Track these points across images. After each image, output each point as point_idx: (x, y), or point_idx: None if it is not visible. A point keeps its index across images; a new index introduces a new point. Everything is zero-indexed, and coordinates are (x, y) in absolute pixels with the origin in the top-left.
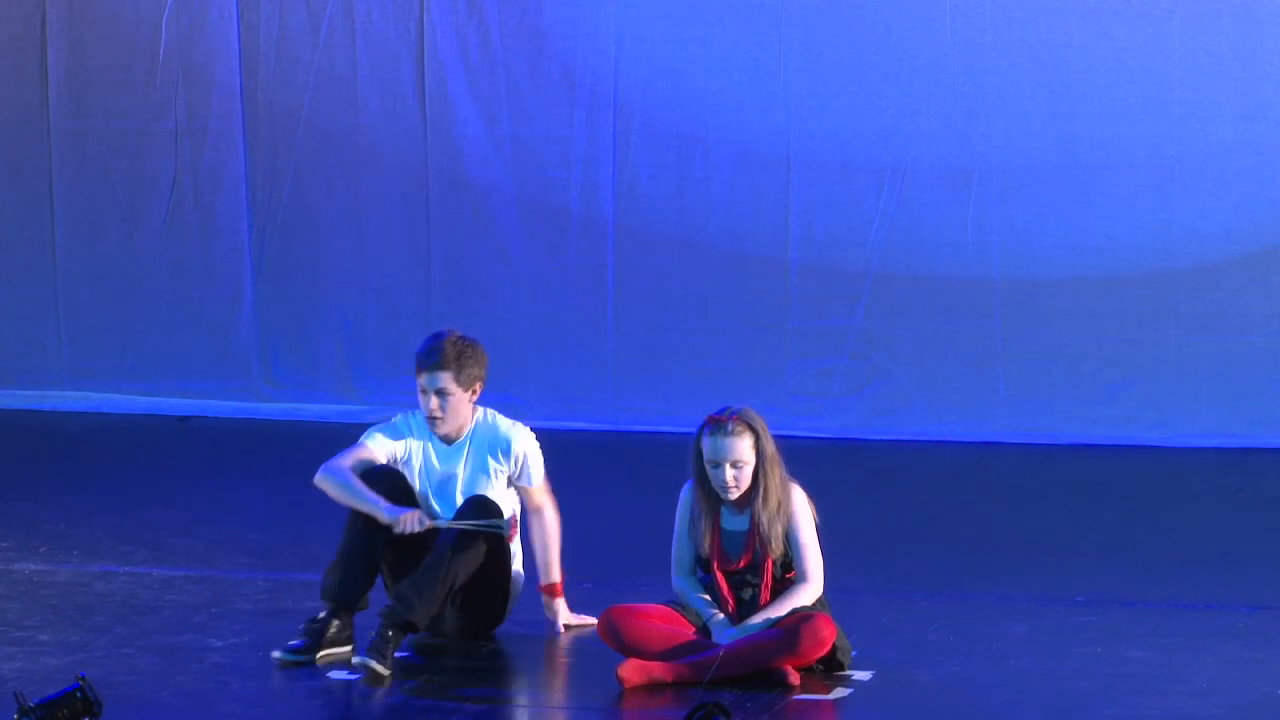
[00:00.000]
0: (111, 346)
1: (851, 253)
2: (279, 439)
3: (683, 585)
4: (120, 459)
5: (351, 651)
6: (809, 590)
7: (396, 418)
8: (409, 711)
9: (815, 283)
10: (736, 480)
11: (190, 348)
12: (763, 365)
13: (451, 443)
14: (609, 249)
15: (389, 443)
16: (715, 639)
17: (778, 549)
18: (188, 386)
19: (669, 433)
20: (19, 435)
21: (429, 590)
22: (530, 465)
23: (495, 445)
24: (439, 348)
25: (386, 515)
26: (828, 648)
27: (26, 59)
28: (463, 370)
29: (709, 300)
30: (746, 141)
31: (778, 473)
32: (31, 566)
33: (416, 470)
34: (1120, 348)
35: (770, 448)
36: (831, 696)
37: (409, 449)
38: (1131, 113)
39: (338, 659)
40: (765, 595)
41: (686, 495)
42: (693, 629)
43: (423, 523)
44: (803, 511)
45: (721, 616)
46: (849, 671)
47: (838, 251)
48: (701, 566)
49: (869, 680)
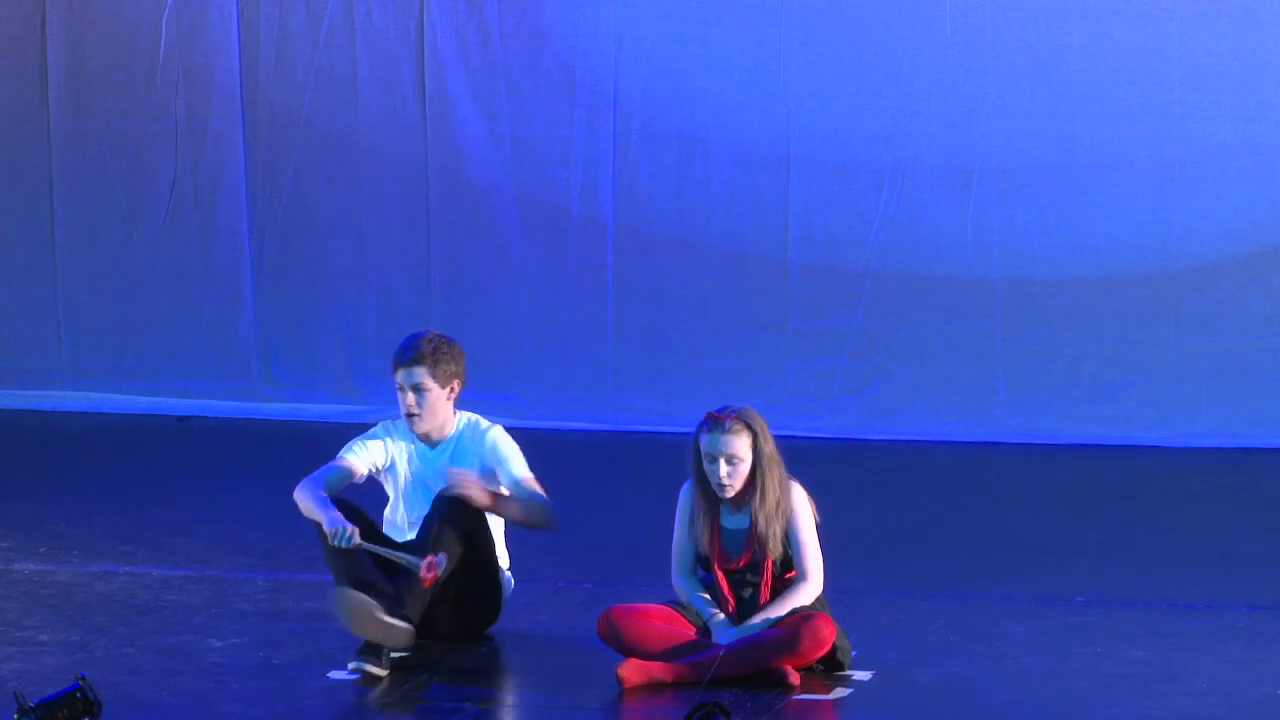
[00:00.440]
0: (111, 346)
1: (851, 253)
2: (279, 439)
3: (683, 584)
4: (120, 459)
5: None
6: (809, 589)
7: (378, 425)
8: (409, 712)
9: (815, 283)
10: (731, 477)
11: (190, 348)
12: (763, 365)
13: (434, 445)
14: (609, 249)
15: (369, 452)
16: (715, 639)
17: (776, 549)
18: (188, 386)
19: (669, 433)
20: (19, 435)
21: (417, 586)
22: (506, 458)
23: (479, 446)
24: (415, 345)
25: (327, 525)
26: (828, 648)
27: (26, 59)
28: (439, 366)
29: (709, 300)
30: (746, 141)
31: (777, 472)
32: (31, 566)
33: (401, 475)
34: (1120, 348)
35: (769, 447)
36: (831, 696)
37: (391, 454)
38: (1131, 113)
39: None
40: (765, 594)
41: (686, 494)
42: (693, 629)
43: (351, 540)
44: (803, 510)
45: (721, 616)
46: (849, 671)
47: (838, 251)
48: (702, 565)
49: (869, 680)
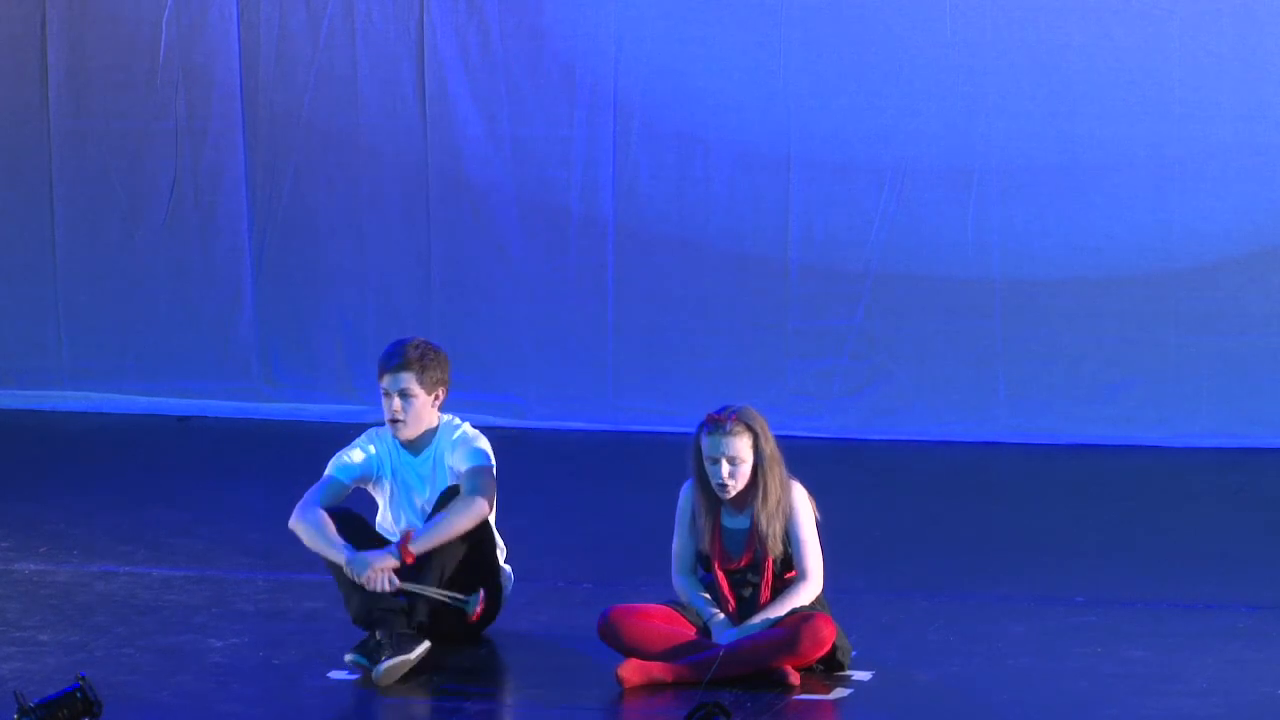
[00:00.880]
0: (111, 346)
1: (851, 253)
2: (279, 439)
3: (683, 584)
4: (120, 459)
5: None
6: (809, 588)
7: (362, 436)
8: (409, 711)
9: (815, 283)
10: (733, 477)
11: (190, 348)
12: (763, 365)
13: (419, 452)
14: (609, 249)
15: (356, 464)
16: (715, 639)
17: (777, 548)
18: (188, 386)
19: (669, 433)
20: (19, 435)
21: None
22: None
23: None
24: (402, 351)
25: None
26: (828, 648)
27: (26, 59)
28: (425, 372)
29: (709, 300)
30: (746, 141)
31: (777, 471)
32: (31, 566)
33: (387, 483)
34: (1120, 348)
35: (770, 447)
36: (831, 696)
37: (379, 464)
38: (1131, 113)
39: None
40: (765, 594)
41: (686, 493)
42: (693, 629)
43: (393, 583)
44: (803, 509)
45: (722, 616)
46: (849, 671)
47: (838, 251)
48: (702, 565)
49: (869, 680)
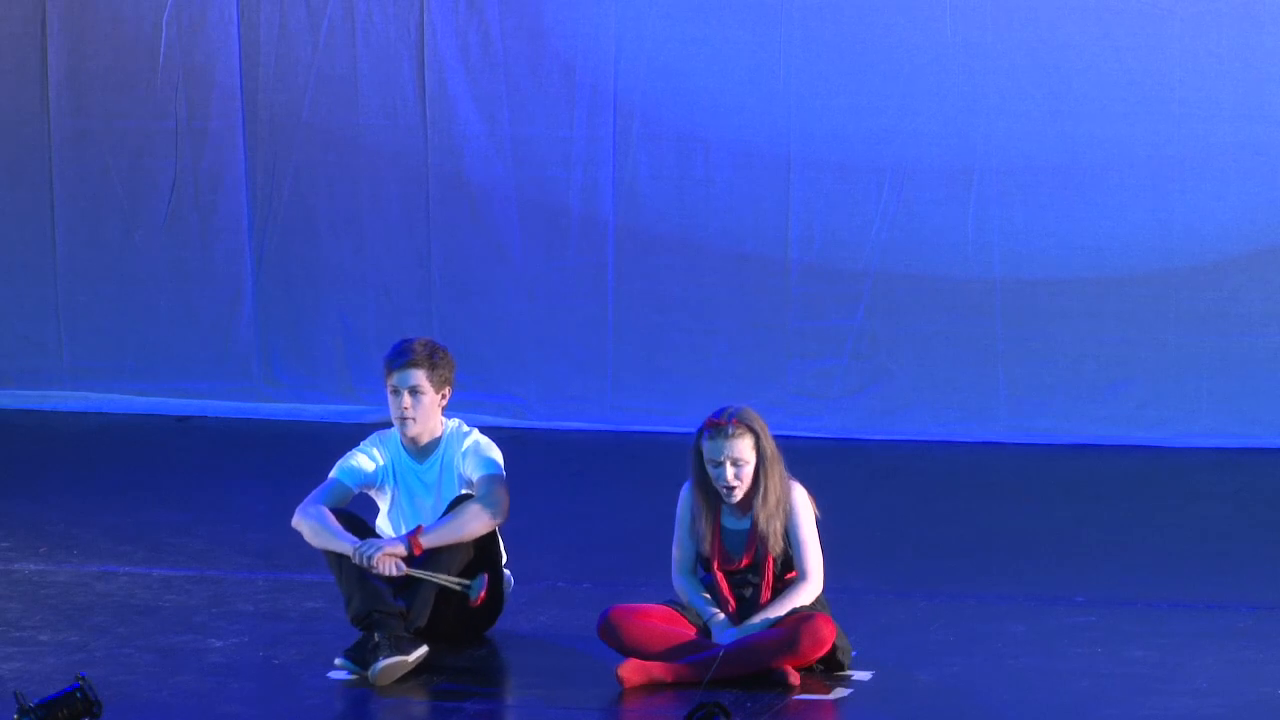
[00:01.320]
0: (111, 346)
1: (851, 253)
2: (279, 439)
3: (683, 584)
4: (120, 459)
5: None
6: (809, 588)
7: (367, 440)
8: (409, 711)
9: (815, 283)
10: (737, 479)
11: (190, 348)
12: (763, 365)
13: (424, 459)
14: (609, 249)
15: (362, 470)
16: (715, 639)
17: (777, 546)
18: (188, 386)
19: (669, 433)
20: (19, 435)
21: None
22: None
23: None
24: (410, 348)
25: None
26: (828, 648)
27: (26, 59)
28: (435, 370)
29: (709, 300)
30: (746, 141)
31: (777, 470)
32: (31, 566)
33: (390, 488)
34: (1120, 348)
35: (770, 447)
36: (831, 696)
37: (384, 470)
38: (1131, 113)
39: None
40: (766, 594)
41: (686, 494)
42: (693, 629)
43: (400, 568)
44: (803, 509)
45: (722, 617)
46: (849, 671)
47: (838, 251)
48: (702, 566)
49: (869, 680)
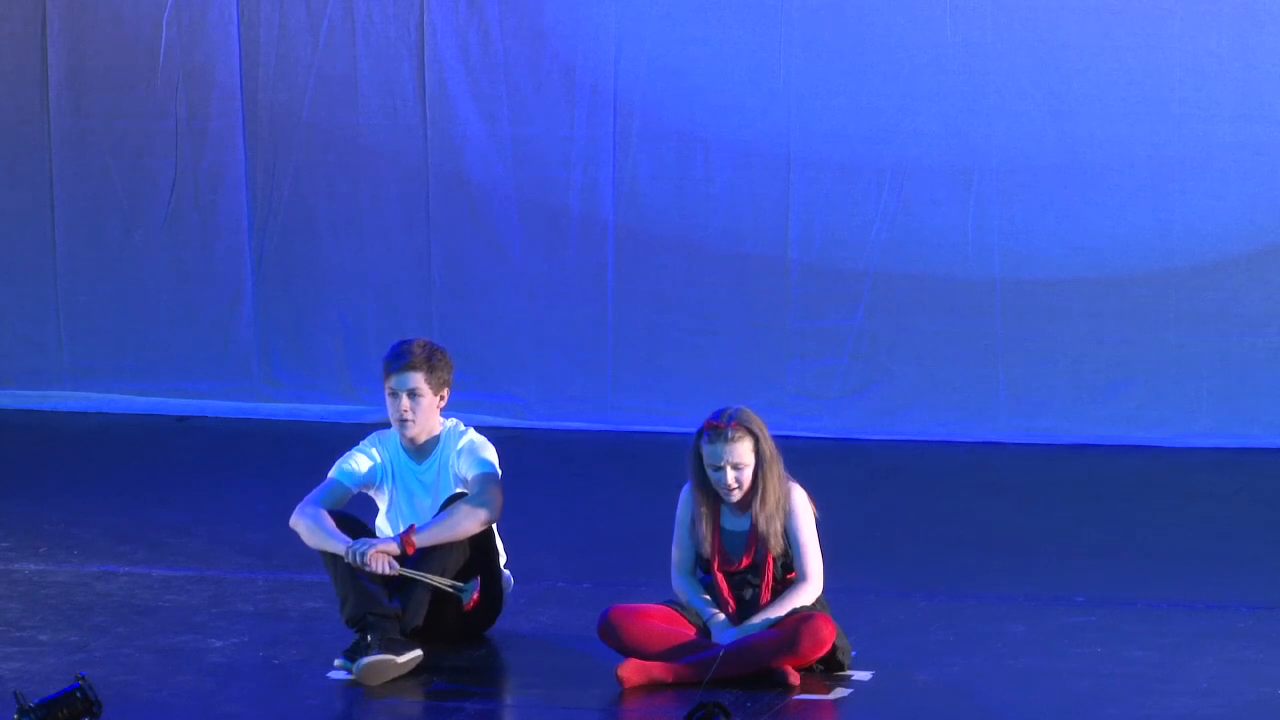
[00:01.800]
0: (111, 346)
1: (851, 253)
2: (279, 439)
3: (683, 585)
4: (120, 459)
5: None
6: (809, 589)
7: (366, 440)
8: (409, 711)
9: (815, 283)
10: (739, 481)
11: (190, 348)
12: (763, 365)
13: (423, 459)
14: (609, 249)
15: (361, 470)
16: (715, 639)
17: (777, 546)
18: (188, 386)
19: (669, 433)
20: (19, 435)
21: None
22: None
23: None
24: (409, 350)
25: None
26: (828, 648)
27: (27, 59)
28: (433, 372)
29: (709, 300)
30: (746, 141)
31: (777, 470)
32: (31, 566)
33: (389, 488)
34: (1120, 348)
35: (769, 448)
36: (831, 696)
37: (383, 470)
38: (1131, 113)
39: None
40: (766, 595)
41: (686, 496)
42: (693, 629)
43: (392, 566)
44: (803, 510)
45: (722, 617)
46: (849, 671)
47: (838, 251)
48: (702, 567)
49: (869, 680)
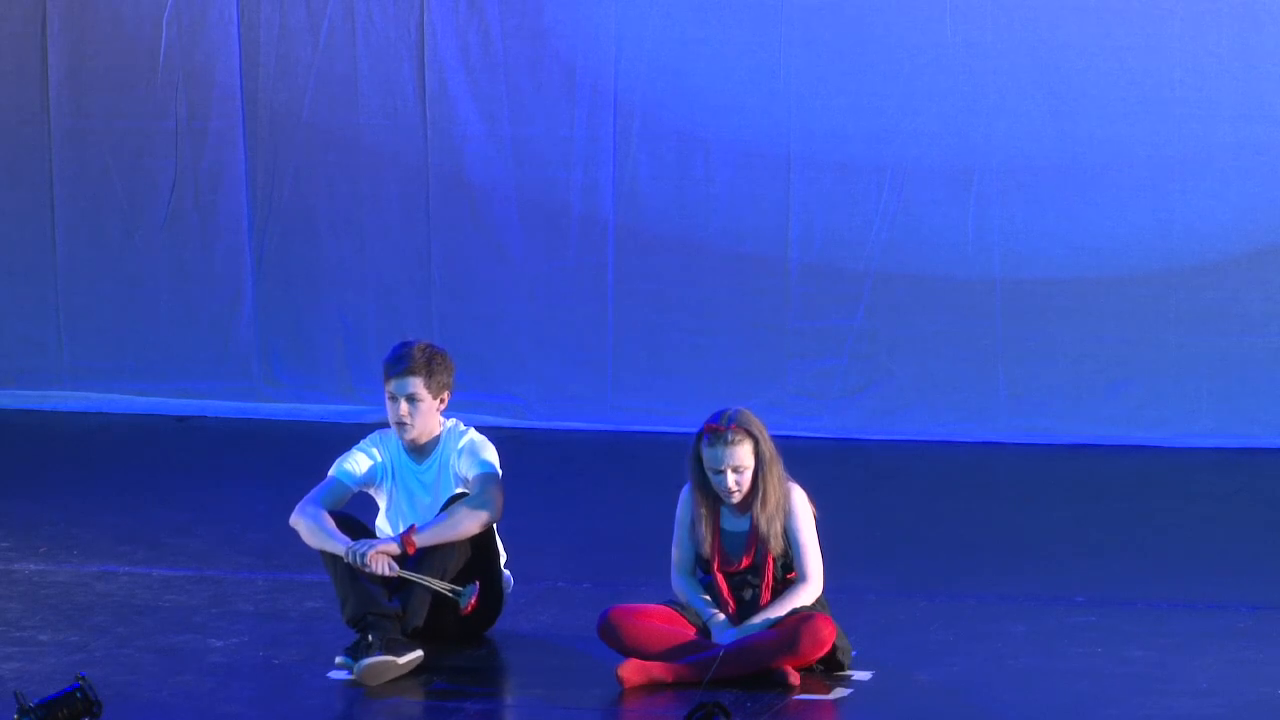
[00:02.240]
0: (111, 346)
1: (851, 253)
2: (279, 439)
3: (683, 585)
4: (120, 459)
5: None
6: (809, 590)
7: (366, 439)
8: (409, 711)
9: (815, 283)
10: (739, 484)
11: (190, 348)
12: (763, 365)
13: (423, 459)
14: (609, 249)
15: (360, 469)
16: (715, 639)
17: (777, 546)
18: (188, 386)
19: (669, 433)
20: (19, 435)
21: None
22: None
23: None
24: (408, 354)
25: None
26: (828, 648)
27: (27, 59)
28: (433, 376)
29: (709, 300)
30: (747, 141)
31: (777, 470)
32: (31, 566)
33: (389, 488)
34: (1120, 348)
35: (769, 450)
36: (831, 696)
37: (383, 470)
38: (1131, 113)
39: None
40: (766, 596)
41: (686, 496)
42: (693, 629)
43: (392, 567)
44: (803, 510)
45: (722, 617)
46: (849, 671)
47: (838, 251)
48: (701, 567)
49: (869, 680)
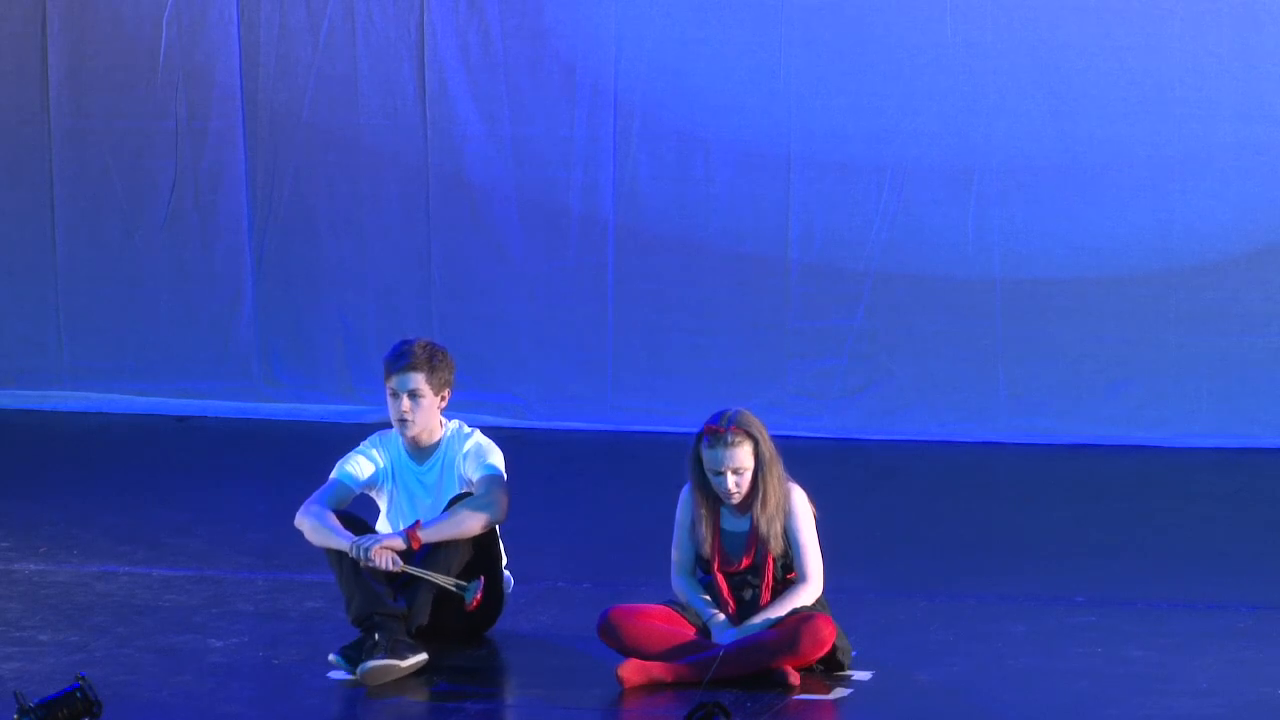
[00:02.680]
0: (111, 346)
1: (851, 253)
2: (279, 439)
3: (683, 586)
4: (120, 459)
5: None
6: (809, 590)
7: (367, 440)
8: (409, 711)
9: (815, 283)
10: (739, 485)
11: (190, 348)
12: (763, 365)
13: (424, 460)
14: (609, 249)
15: (361, 469)
16: (715, 639)
17: (777, 546)
18: (188, 386)
19: (669, 433)
20: (19, 435)
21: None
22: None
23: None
24: (410, 350)
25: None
26: (828, 648)
27: (27, 59)
28: (434, 372)
29: (709, 300)
30: (747, 141)
31: (777, 470)
32: (31, 566)
33: (390, 489)
34: (1120, 348)
35: (769, 450)
36: (831, 696)
37: (385, 471)
38: (1131, 113)
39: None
40: (766, 596)
41: (686, 497)
42: (693, 629)
43: (396, 563)
44: (803, 511)
45: (722, 617)
46: (849, 671)
47: (838, 251)
48: (701, 567)
49: (869, 680)
